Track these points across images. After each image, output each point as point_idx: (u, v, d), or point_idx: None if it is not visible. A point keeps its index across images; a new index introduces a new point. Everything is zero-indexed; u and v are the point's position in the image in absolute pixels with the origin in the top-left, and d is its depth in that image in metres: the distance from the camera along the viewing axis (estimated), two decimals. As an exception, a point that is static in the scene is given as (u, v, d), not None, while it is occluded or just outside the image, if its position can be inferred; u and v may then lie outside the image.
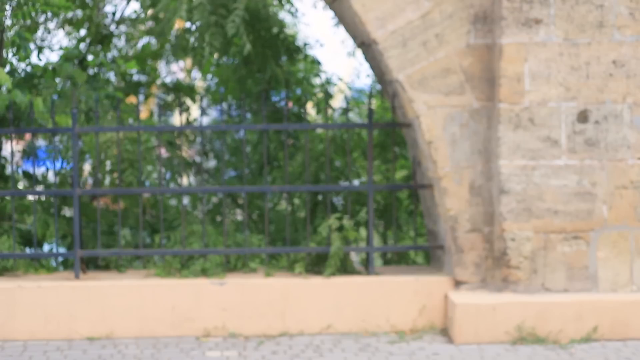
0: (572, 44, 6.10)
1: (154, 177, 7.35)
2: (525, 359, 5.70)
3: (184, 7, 6.53)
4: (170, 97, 8.20)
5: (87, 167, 7.49)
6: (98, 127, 6.66)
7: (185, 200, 7.39)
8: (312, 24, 9.63)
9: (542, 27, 6.08)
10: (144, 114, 8.76)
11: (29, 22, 6.86)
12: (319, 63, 7.95)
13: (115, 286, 6.34)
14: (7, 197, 6.89)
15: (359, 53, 7.73)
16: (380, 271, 6.72)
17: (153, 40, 8.39)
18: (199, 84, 8.91)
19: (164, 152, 7.55)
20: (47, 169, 6.92)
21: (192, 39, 7.11)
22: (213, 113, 8.84)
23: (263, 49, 7.09)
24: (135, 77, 8.39)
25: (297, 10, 7.62)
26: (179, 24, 7.28)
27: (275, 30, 6.94)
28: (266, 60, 7.05)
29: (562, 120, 6.12)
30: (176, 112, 8.22)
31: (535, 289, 6.17)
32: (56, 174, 7.24)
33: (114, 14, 8.25)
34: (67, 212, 7.46)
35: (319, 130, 7.51)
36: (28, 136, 7.43)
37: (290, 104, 7.63)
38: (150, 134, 7.34)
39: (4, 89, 6.63)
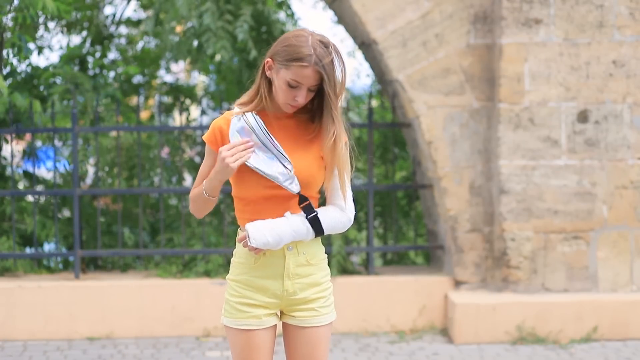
0: (572, 44, 6.10)
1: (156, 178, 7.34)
2: (525, 359, 5.70)
3: (192, 13, 6.55)
4: (170, 98, 8.18)
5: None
6: (98, 127, 6.67)
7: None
8: (311, 25, 9.63)
9: (542, 27, 6.08)
10: (144, 114, 8.75)
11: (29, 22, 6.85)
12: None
13: (115, 286, 6.34)
14: (8, 197, 6.88)
15: (359, 53, 7.72)
16: (380, 271, 6.72)
17: (153, 40, 8.38)
18: (199, 81, 8.90)
19: (165, 153, 7.55)
20: (55, 171, 6.91)
21: (194, 41, 7.10)
22: (213, 114, 8.83)
23: (266, 51, 7.12)
24: (136, 79, 8.38)
25: (294, 14, 7.63)
26: (179, 27, 7.28)
27: (277, 33, 6.96)
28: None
29: (562, 120, 6.12)
30: (176, 113, 8.20)
31: (535, 289, 6.17)
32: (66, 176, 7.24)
33: (114, 15, 8.25)
34: (66, 212, 7.45)
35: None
36: (28, 137, 7.42)
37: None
38: (152, 135, 7.34)
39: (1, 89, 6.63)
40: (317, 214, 3.04)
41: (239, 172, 3.02)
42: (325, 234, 3.08)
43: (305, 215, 3.04)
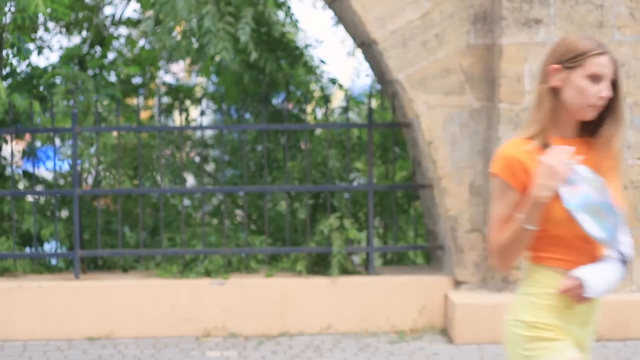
0: (572, 44, 6.09)
1: (158, 179, 7.33)
2: (525, 358, 5.70)
3: (192, 15, 6.55)
4: (170, 98, 8.18)
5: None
6: (98, 127, 6.67)
7: (187, 202, 7.38)
8: (310, 25, 9.60)
9: (542, 27, 6.08)
10: (145, 115, 8.74)
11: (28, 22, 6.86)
12: (320, 64, 7.90)
13: (115, 286, 6.34)
14: (8, 197, 6.88)
15: (359, 53, 7.71)
16: (380, 271, 6.72)
17: (152, 42, 8.37)
18: (199, 82, 8.90)
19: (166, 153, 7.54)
20: (55, 171, 6.92)
21: (194, 42, 7.10)
22: (213, 116, 8.81)
23: (266, 53, 7.11)
24: (135, 79, 8.38)
25: (293, 15, 7.63)
26: (178, 27, 7.28)
27: (277, 34, 6.95)
28: (269, 64, 7.07)
29: (562, 120, 6.11)
30: (176, 113, 8.20)
31: (535, 289, 6.16)
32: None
33: (113, 15, 8.25)
34: (66, 212, 7.44)
35: (319, 131, 7.50)
36: (28, 137, 7.42)
37: (290, 106, 7.62)
38: (154, 135, 7.34)
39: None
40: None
41: (553, 208, 2.75)
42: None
43: (618, 254, 2.81)
